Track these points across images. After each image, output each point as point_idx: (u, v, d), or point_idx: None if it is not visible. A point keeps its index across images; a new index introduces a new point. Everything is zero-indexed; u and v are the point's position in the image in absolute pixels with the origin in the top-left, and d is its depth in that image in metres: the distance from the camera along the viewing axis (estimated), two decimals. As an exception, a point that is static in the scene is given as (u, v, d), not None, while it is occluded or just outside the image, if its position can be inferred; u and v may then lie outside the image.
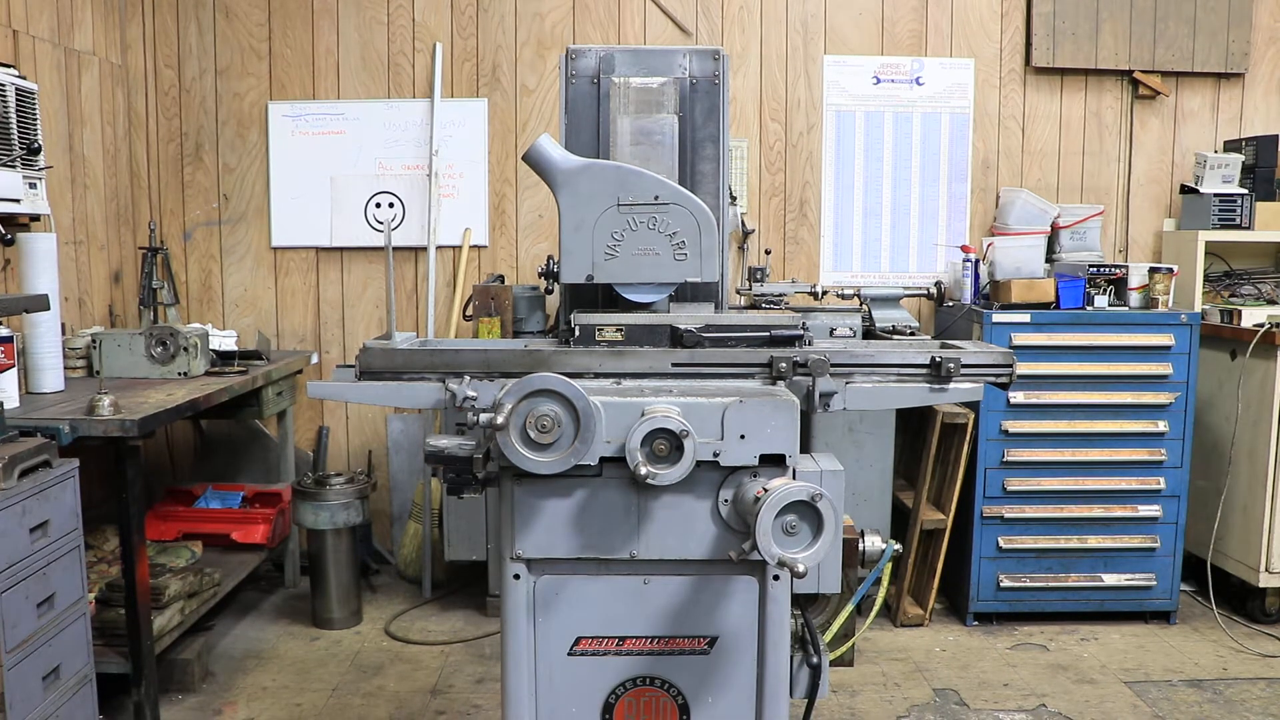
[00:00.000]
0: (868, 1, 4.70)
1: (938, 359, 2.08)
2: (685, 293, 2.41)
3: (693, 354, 2.09)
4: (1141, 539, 4.18)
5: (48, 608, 2.60)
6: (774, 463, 1.86)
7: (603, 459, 1.84)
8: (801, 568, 1.70)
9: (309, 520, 4.07)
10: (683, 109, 2.44)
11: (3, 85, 3.43)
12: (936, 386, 2.09)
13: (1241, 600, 4.30)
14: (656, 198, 2.21)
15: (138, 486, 3.10)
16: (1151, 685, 3.68)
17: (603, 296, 2.40)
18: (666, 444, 1.80)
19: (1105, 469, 4.15)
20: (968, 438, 4.03)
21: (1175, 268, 4.28)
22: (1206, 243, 4.47)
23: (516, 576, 1.93)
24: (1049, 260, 4.50)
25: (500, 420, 1.75)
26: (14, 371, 3.06)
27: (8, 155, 3.45)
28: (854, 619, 3.77)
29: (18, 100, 3.50)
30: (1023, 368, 2.45)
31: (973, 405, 4.04)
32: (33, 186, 3.59)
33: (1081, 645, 4.05)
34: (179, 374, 3.71)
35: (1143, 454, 4.14)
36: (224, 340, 4.23)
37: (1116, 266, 4.23)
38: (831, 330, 3.97)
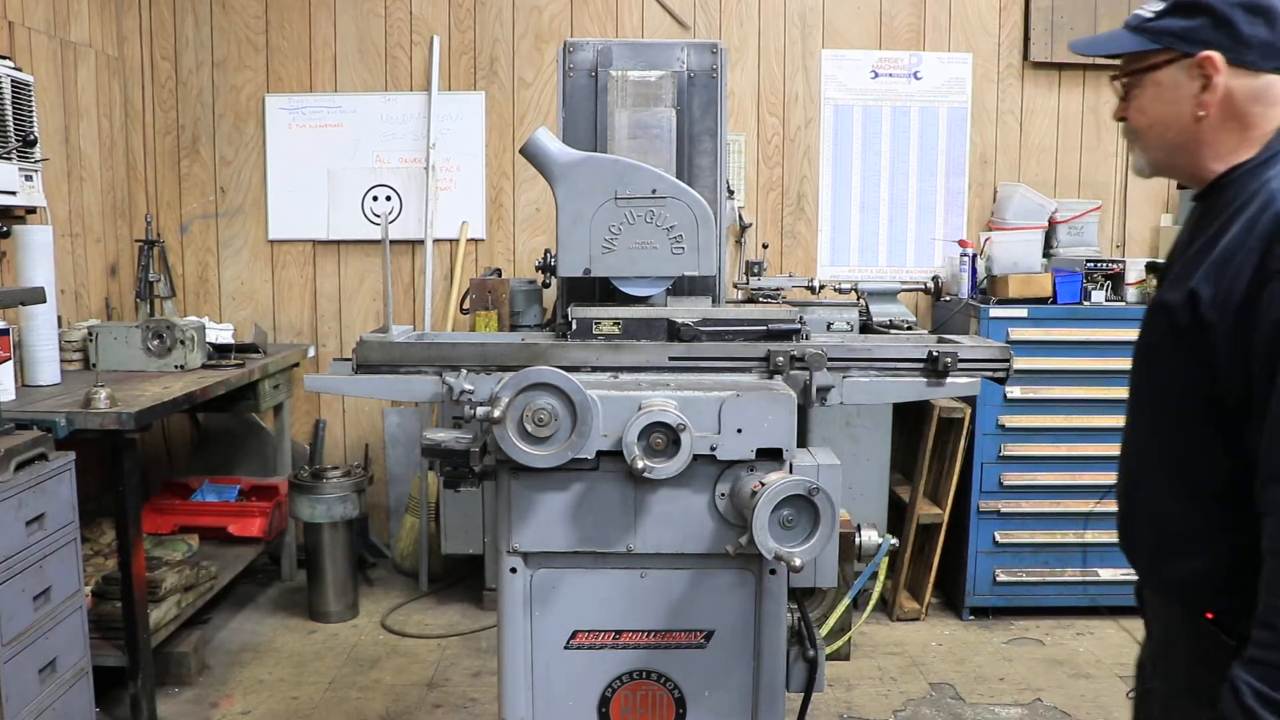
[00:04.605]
0: (866, -5, 4.70)
1: (935, 353, 2.08)
2: (682, 286, 2.41)
3: (690, 348, 2.09)
4: (1137, 534, 4.18)
5: (44, 601, 2.60)
6: (771, 457, 1.86)
7: (600, 453, 1.84)
8: (798, 562, 1.70)
9: (305, 513, 4.07)
10: (680, 103, 2.43)
11: (-2, 77, 3.42)
12: (933, 381, 2.10)
13: (1236, 595, 4.31)
14: (654, 191, 2.21)
15: (134, 479, 3.10)
16: (1146, 679, 3.69)
17: (600, 290, 2.39)
18: (663, 438, 1.80)
19: (1102, 464, 4.15)
20: (964, 432, 4.04)
21: (1172, 263, 4.28)
22: (1203, 238, 4.47)
23: (513, 570, 1.93)
24: (1046, 255, 4.50)
25: (497, 414, 1.75)
26: (10, 364, 3.06)
27: (4, 148, 3.44)
28: (850, 613, 3.79)
29: (14, 92, 3.48)
30: (1019, 362, 2.46)
31: (969, 400, 4.04)
32: (29, 179, 3.58)
33: (1077, 640, 4.06)
34: (176, 367, 3.70)
35: (1139, 449, 4.14)
36: (221, 333, 4.22)
37: (1114, 262, 4.22)
38: (829, 324, 3.98)
